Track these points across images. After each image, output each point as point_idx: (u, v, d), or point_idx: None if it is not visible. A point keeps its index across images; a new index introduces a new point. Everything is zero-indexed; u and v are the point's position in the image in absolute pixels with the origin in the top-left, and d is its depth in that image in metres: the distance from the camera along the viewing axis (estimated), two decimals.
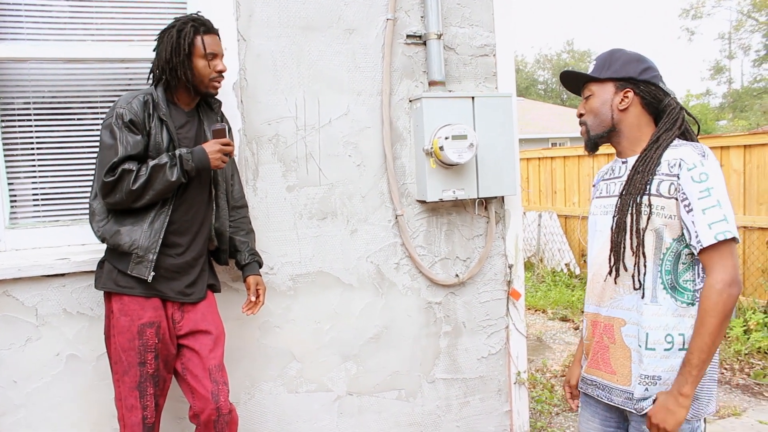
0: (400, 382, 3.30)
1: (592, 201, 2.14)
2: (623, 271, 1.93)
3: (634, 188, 1.89)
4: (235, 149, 2.78)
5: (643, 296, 1.88)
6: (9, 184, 2.76)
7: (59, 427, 2.70)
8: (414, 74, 3.26)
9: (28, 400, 2.66)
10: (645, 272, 1.87)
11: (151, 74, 2.50)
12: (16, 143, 2.76)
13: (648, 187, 1.86)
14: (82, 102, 2.84)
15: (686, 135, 1.96)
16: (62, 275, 2.68)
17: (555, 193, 9.65)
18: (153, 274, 2.36)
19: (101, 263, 2.48)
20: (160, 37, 2.46)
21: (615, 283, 1.96)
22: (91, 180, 2.75)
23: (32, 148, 2.78)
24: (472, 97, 3.22)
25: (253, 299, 2.65)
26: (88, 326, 2.72)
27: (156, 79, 2.48)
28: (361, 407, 3.23)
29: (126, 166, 2.30)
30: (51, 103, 2.80)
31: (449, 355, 3.39)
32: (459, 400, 3.42)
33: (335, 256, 3.14)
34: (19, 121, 2.76)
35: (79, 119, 2.83)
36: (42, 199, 2.81)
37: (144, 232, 2.36)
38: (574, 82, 2.11)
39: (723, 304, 1.72)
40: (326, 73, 3.09)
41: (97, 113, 2.84)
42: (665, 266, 1.85)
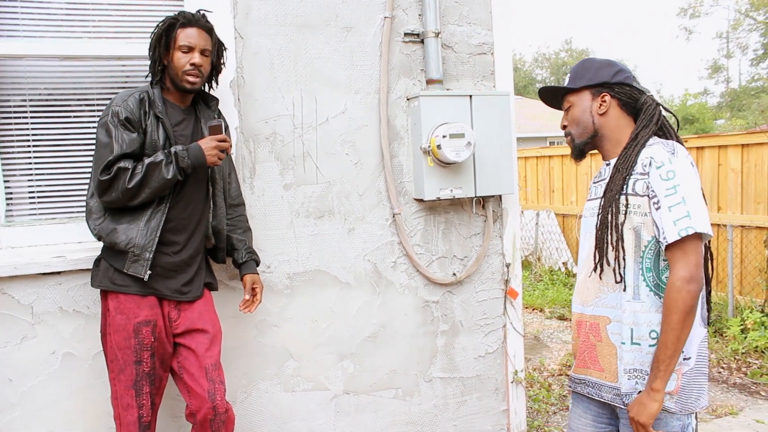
0: (397, 380, 3.29)
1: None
2: (606, 267, 1.96)
3: (614, 187, 1.94)
4: (232, 147, 2.77)
5: (626, 292, 1.92)
6: (5, 181, 2.75)
7: (55, 425, 2.69)
8: (412, 72, 3.25)
9: (24, 399, 2.65)
10: (625, 266, 1.91)
11: (149, 71, 2.49)
12: (12, 140, 2.75)
13: (625, 187, 1.91)
14: (79, 99, 2.83)
15: (664, 130, 2.00)
16: (58, 273, 2.67)
17: (553, 191, 9.65)
18: (149, 272, 2.35)
19: (97, 261, 2.47)
20: (152, 34, 2.47)
21: (600, 280, 2.00)
22: (87, 178, 2.75)
23: (28, 146, 2.77)
24: (470, 96, 3.21)
25: (247, 297, 2.64)
26: (84, 324, 2.71)
27: (152, 76, 2.48)
28: (358, 406, 3.22)
29: (122, 164, 2.29)
30: (47, 100, 2.79)
31: (446, 353, 3.38)
32: (456, 399, 3.42)
33: (332, 254, 3.14)
34: (16, 118, 2.75)
35: (75, 116, 2.82)
36: (38, 197, 2.80)
37: (140, 231, 2.35)
38: (553, 97, 2.18)
39: (682, 301, 1.76)
40: (324, 71, 3.09)
41: (94, 110, 2.83)
42: (645, 264, 1.89)
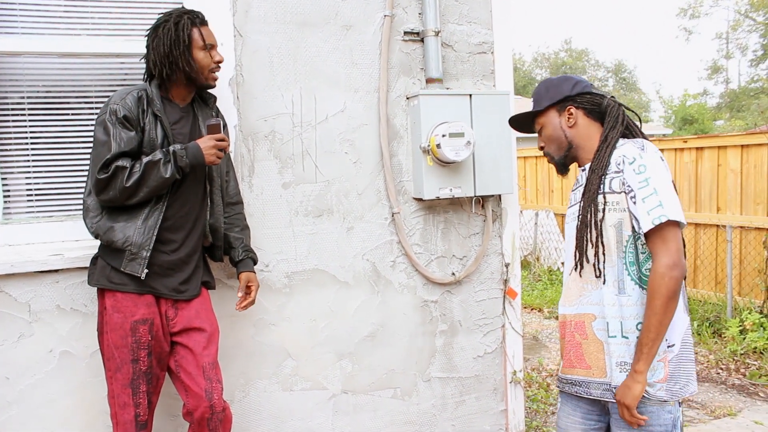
0: (396, 380, 3.28)
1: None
2: (586, 264, 2.03)
3: (592, 187, 2.01)
4: (230, 145, 2.76)
5: (610, 287, 1.98)
6: (3, 179, 2.74)
7: (52, 424, 2.68)
8: (411, 71, 3.24)
9: (21, 397, 2.64)
10: (605, 261, 1.98)
11: (148, 69, 2.48)
12: (10, 138, 2.74)
13: (602, 186, 1.99)
14: (77, 97, 2.82)
15: (630, 128, 2.08)
16: (56, 271, 2.66)
17: (552, 191, 9.65)
18: (146, 271, 2.34)
19: (94, 259, 2.46)
20: (153, 32, 2.44)
21: (581, 278, 2.06)
22: (85, 175, 2.73)
23: (26, 143, 2.76)
24: (470, 95, 3.21)
25: (240, 295, 2.63)
26: (82, 323, 2.70)
27: (150, 74, 2.46)
28: (356, 406, 3.21)
29: (119, 162, 2.28)
30: (46, 97, 2.78)
31: (445, 353, 3.37)
32: (455, 399, 3.41)
33: (331, 253, 3.13)
34: (13, 115, 2.74)
35: (74, 114, 2.81)
36: (36, 195, 2.79)
37: (138, 229, 2.34)
38: (524, 123, 2.29)
39: (666, 287, 1.82)
40: (323, 69, 3.08)
41: (93, 108, 2.82)
42: (628, 258, 1.95)
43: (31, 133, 2.76)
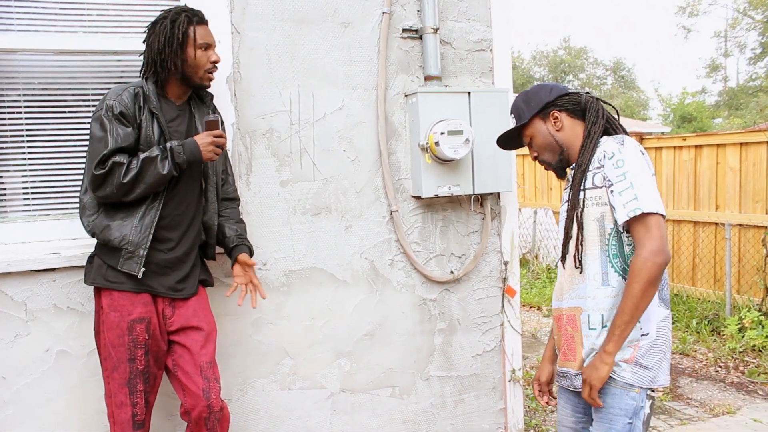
0: (394, 379, 3.27)
1: None
2: (571, 258, 2.09)
3: (576, 183, 2.07)
4: (227, 142, 2.75)
5: (593, 280, 2.02)
6: None
7: (49, 423, 2.67)
8: (410, 69, 3.23)
9: (17, 397, 2.62)
10: (583, 252, 2.03)
11: (144, 66, 2.46)
12: (6, 135, 2.72)
13: (584, 182, 2.04)
14: (74, 94, 2.80)
15: (610, 123, 2.13)
16: (52, 270, 2.64)
17: (551, 189, 9.64)
18: (143, 269, 2.33)
19: (91, 258, 2.45)
20: (151, 28, 2.42)
21: (564, 269, 2.12)
22: (81, 173, 2.72)
23: (23, 141, 2.74)
24: (469, 93, 3.19)
25: (237, 282, 2.60)
26: (79, 322, 2.69)
27: (147, 71, 2.44)
28: (354, 405, 3.20)
29: (116, 158, 2.27)
30: (42, 95, 2.76)
31: (444, 352, 3.36)
32: (453, 398, 3.40)
33: (329, 252, 3.11)
34: (10, 113, 2.72)
35: (70, 112, 2.79)
36: (32, 193, 2.77)
37: (134, 227, 2.33)
38: (511, 139, 2.32)
39: (647, 271, 1.85)
40: (321, 67, 3.06)
41: (89, 106, 2.80)
42: (612, 250, 2.00)
43: (27, 131, 2.74)
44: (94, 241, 2.43)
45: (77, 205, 2.72)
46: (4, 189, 2.74)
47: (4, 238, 2.69)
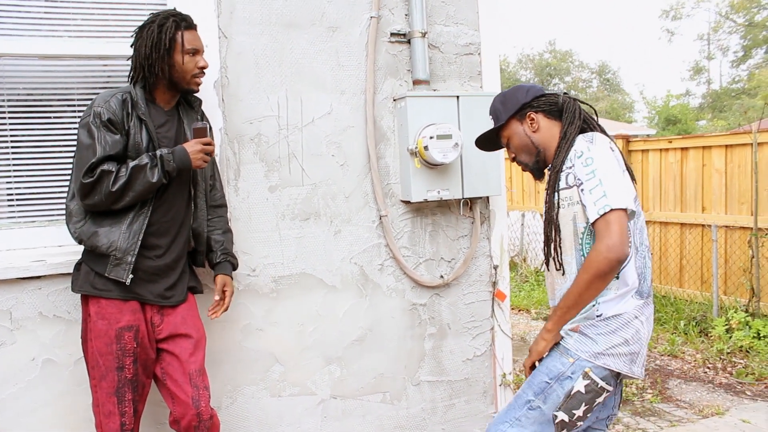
0: (385, 384, 3.26)
1: None
2: (551, 259, 2.12)
3: (551, 184, 2.09)
4: (216, 148, 2.73)
5: (567, 276, 2.06)
6: None
7: None
8: (398, 73, 3.22)
9: (3, 406, 2.58)
10: (562, 254, 2.07)
11: (132, 71, 2.44)
12: None
13: (558, 183, 2.06)
14: (60, 99, 2.77)
15: (587, 122, 2.14)
16: (38, 278, 2.61)
17: (538, 192, 9.66)
18: (131, 276, 2.30)
19: (78, 265, 2.42)
20: (139, 33, 2.40)
21: (548, 270, 2.16)
22: (68, 180, 2.68)
23: (7, 147, 2.70)
24: (457, 97, 3.19)
25: (217, 298, 2.59)
26: (65, 330, 2.65)
27: (135, 76, 2.42)
28: (345, 411, 3.19)
29: (105, 166, 2.24)
30: (27, 100, 2.73)
31: (434, 357, 3.35)
32: (444, 403, 3.39)
33: (318, 257, 3.10)
34: None
35: (56, 117, 2.76)
36: (17, 199, 2.73)
37: (122, 234, 2.30)
38: (489, 141, 2.36)
39: (597, 264, 1.88)
40: (309, 71, 3.05)
41: (75, 111, 2.77)
42: (585, 249, 2.02)
43: (11, 136, 2.70)
44: (81, 248, 2.40)
45: (63, 212, 2.69)
46: None
47: None
